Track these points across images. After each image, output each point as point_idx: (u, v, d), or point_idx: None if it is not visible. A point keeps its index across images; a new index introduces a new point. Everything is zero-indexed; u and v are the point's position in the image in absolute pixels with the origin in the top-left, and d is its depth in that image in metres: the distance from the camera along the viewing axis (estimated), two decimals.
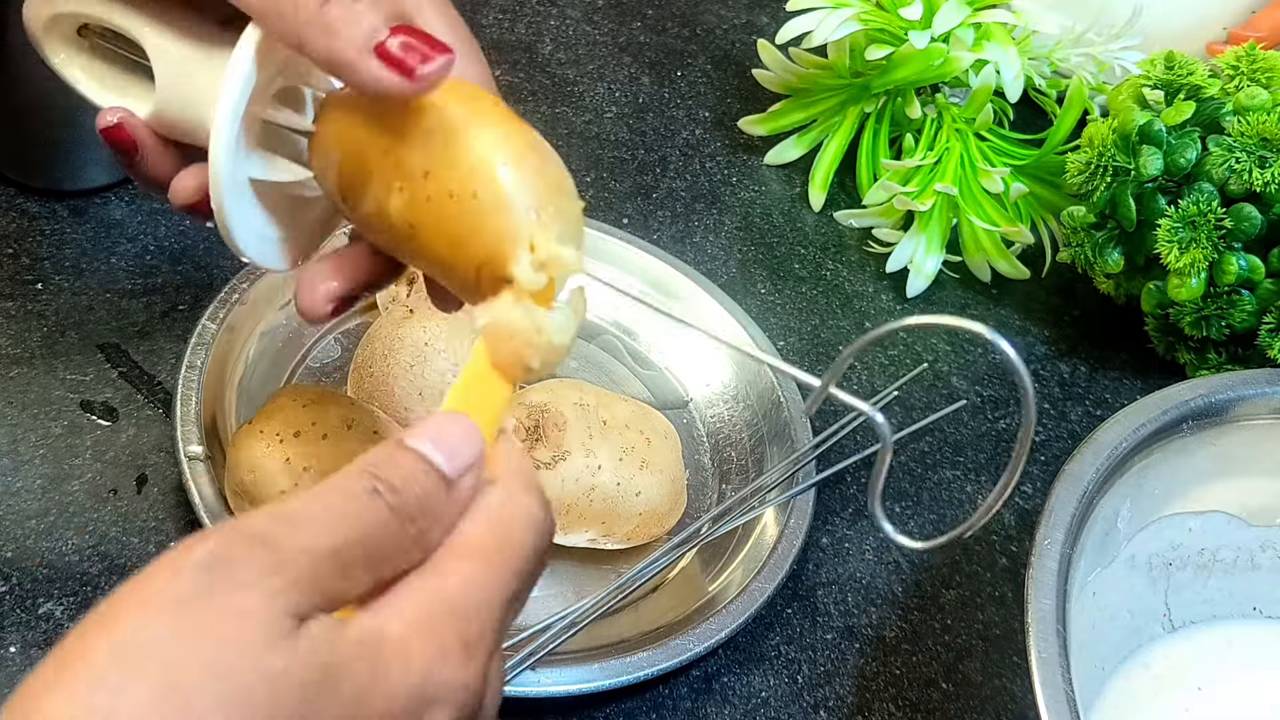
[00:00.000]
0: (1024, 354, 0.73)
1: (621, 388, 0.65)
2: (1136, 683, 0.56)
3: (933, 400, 0.69)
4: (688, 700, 0.54)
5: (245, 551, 0.28)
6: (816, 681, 0.56)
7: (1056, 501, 0.49)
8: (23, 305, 0.60)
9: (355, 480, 0.31)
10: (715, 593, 0.56)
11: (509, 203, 0.35)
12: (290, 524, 0.29)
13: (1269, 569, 0.58)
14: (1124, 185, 0.67)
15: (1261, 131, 0.64)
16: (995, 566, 0.62)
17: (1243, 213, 0.64)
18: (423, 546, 0.31)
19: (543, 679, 0.50)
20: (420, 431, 0.32)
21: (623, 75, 0.84)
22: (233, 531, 0.29)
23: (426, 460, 0.32)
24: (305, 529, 0.29)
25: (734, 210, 0.77)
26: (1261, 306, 0.66)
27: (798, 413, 0.62)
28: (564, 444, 0.54)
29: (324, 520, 0.30)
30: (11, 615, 0.50)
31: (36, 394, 0.57)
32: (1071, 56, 0.77)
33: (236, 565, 0.28)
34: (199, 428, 0.53)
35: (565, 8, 0.88)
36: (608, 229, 0.68)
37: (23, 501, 0.54)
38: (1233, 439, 0.56)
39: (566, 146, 0.78)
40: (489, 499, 0.33)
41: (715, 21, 0.90)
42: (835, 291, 0.74)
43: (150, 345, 0.60)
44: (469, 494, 0.32)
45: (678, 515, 0.58)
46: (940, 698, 0.57)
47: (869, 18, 0.73)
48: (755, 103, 0.81)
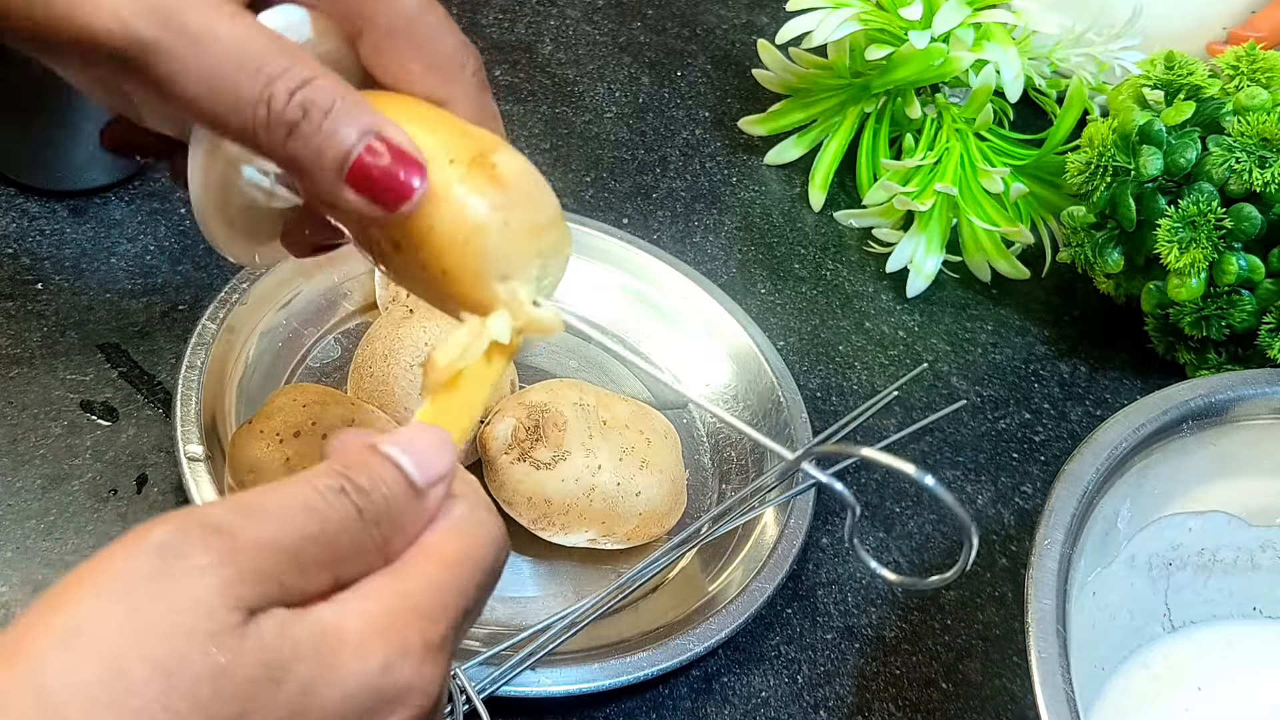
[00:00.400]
0: (1024, 354, 0.73)
1: (621, 388, 0.65)
2: (1136, 683, 0.56)
3: (933, 400, 0.69)
4: (688, 700, 0.54)
5: (200, 538, 0.28)
6: (816, 681, 0.56)
7: (1056, 501, 0.49)
8: (23, 305, 0.60)
9: (323, 478, 0.31)
10: (715, 593, 0.56)
11: (476, 277, 0.35)
12: (248, 515, 0.29)
13: (1269, 569, 0.58)
14: (1124, 185, 0.67)
15: (1261, 131, 0.64)
16: (995, 566, 0.62)
17: (1243, 213, 0.64)
18: (384, 552, 0.31)
19: (543, 679, 0.50)
20: (394, 438, 0.32)
21: (623, 75, 0.84)
22: (189, 518, 0.28)
23: (398, 467, 0.32)
24: (264, 521, 0.29)
25: (734, 210, 0.77)
26: (1261, 306, 0.66)
27: (798, 413, 0.62)
28: (564, 444, 0.54)
29: (285, 514, 0.29)
30: (12, 616, 0.50)
31: (36, 394, 0.57)
32: (1071, 56, 0.77)
33: (189, 552, 0.28)
34: (199, 428, 0.53)
35: (565, 8, 0.88)
36: (608, 229, 0.68)
37: (23, 501, 0.54)
38: (1233, 439, 0.56)
39: (566, 146, 0.78)
40: (456, 510, 0.33)
41: (715, 21, 0.90)
42: (835, 291, 0.74)
43: (150, 345, 0.60)
44: (436, 505, 0.32)
45: (678, 515, 0.58)
46: (940, 698, 0.57)
47: (869, 18, 0.73)
48: (755, 103, 0.81)
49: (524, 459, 0.54)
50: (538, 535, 0.55)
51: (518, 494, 0.54)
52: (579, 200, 0.75)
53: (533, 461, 0.54)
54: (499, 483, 0.54)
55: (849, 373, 0.69)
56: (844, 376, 0.69)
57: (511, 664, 0.50)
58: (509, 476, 0.54)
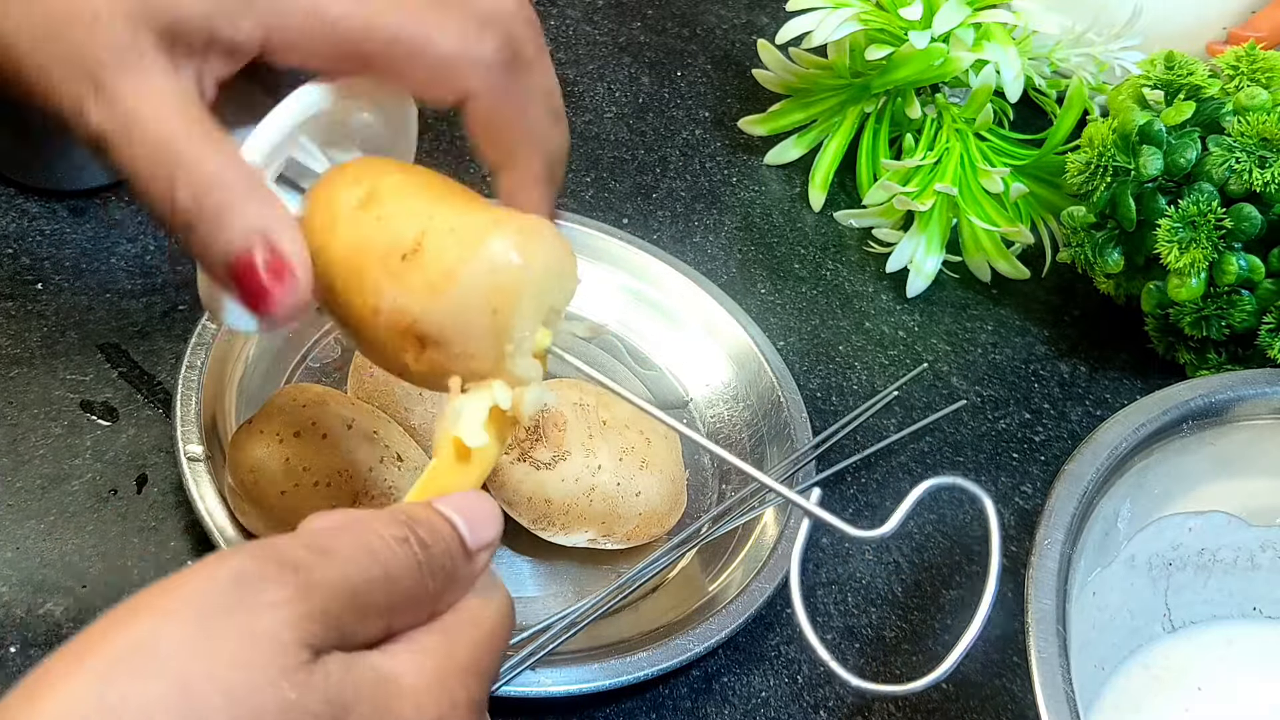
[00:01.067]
0: (1024, 354, 0.73)
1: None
2: (1136, 683, 0.56)
3: (933, 400, 0.69)
4: (688, 700, 0.54)
5: (276, 573, 0.29)
6: (816, 681, 0.56)
7: (1056, 501, 0.49)
8: (23, 305, 0.60)
9: (389, 526, 0.32)
10: (715, 593, 0.56)
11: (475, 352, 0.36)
12: (323, 554, 0.30)
13: (1269, 569, 0.58)
14: (1124, 185, 0.67)
15: (1261, 131, 0.64)
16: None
17: (1243, 213, 0.64)
18: (433, 607, 0.32)
19: (543, 679, 0.50)
20: (452, 502, 0.34)
21: (623, 75, 0.84)
22: (267, 551, 0.29)
23: (455, 528, 0.33)
24: (337, 562, 0.30)
25: (734, 210, 0.77)
26: (1261, 306, 0.66)
27: (798, 412, 0.62)
28: (564, 444, 0.54)
29: (355, 557, 0.30)
30: (12, 615, 0.50)
31: (36, 394, 0.57)
32: (1071, 56, 0.77)
33: (266, 586, 0.28)
34: (199, 428, 0.53)
35: (565, 8, 0.88)
36: (608, 229, 0.68)
37: (23, 501, 0.54)
38: (1233, 439, 0.56)
39: None
40: (487, 580, 0.34)
41: (715, 21, 0.90)
42: (835, 291, 0.74)
43: (150, 345, 0.60)
44: (482, 569, 0.34)
45: (678, 515, 0.58)
46: (940, 698, 0.57)
47: (869, 18, 0.73)
48: (755, 103, 0.81)
49: (524, 459, 0.54)
50: (538, 535, 0.55)
51: (518, 494, 0.54)
52: (579, 200, 0.75)
53: (533, 461, 0.54)
54: (499, 483, 0.54)
55: (849, 373, 0.69)
56: (844, 376, 0.69)
57: (511, 664, 0.50)
58: (509, 476, 0.54)
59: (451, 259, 0.36)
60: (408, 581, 0.31)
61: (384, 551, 0.31)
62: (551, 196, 0.41)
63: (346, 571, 0.30)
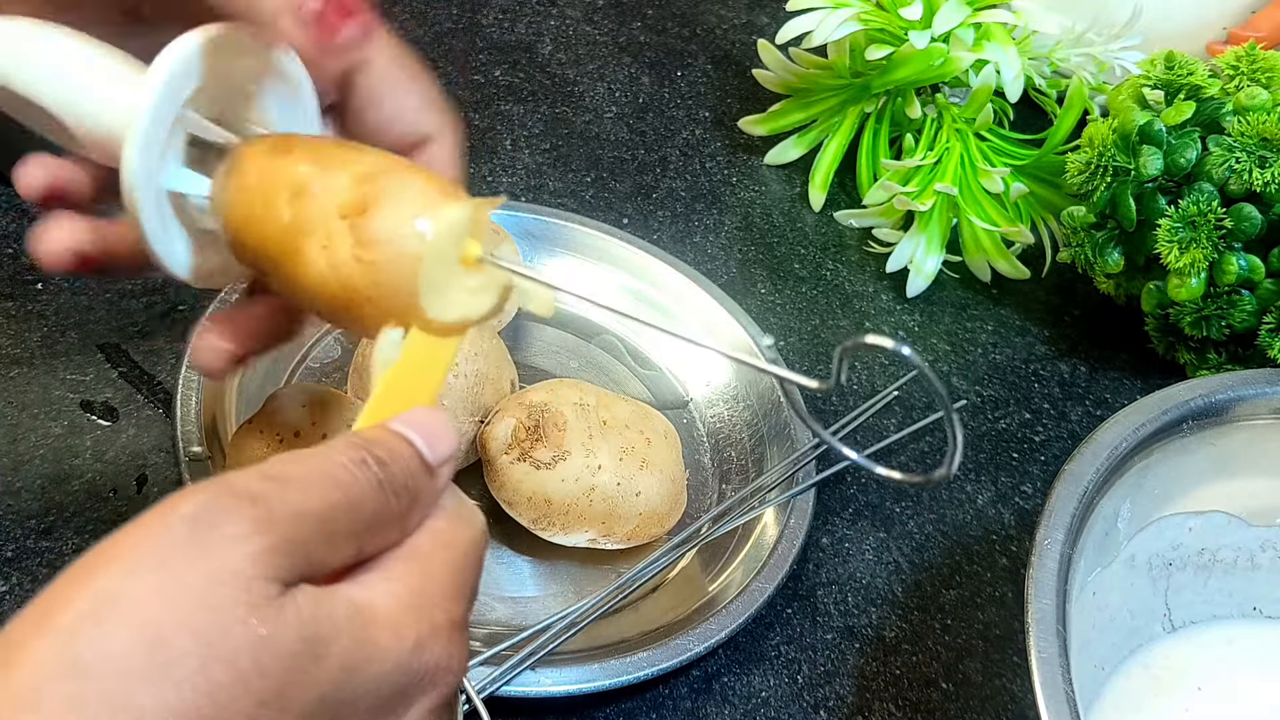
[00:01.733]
0: (1024, 354, 0.73)
1: (621, 388, 0.65)
2: (1136, 683, 0.56)
3: (933, 400, 0.69)
4: (688, 700, 0.54)
5: (234, 506, 0.28)
6: (816, 681, 0.56)
7: (1056, 501, 0.49)
8: (23, 305, 0.60)
9: (345, 450, 0.31)
10: (715, 593, 0.56)
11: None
12: (281, 484, 0.29)
13: (1269, 569, 0.58)
14: (1124, 185, 0.67)
15: (1261, 131, 0.64)
16: (995, 566, 0.62)
17: (1243, 213, 0.64)
18: (402, 526, 0.32)
19: (543, 679, 0.50)
20: (404, 419, 0.33)
21: (623, 75, 0.84)
22: (222, 487, 0.28)
23: (413, 444, 0.32)
24: (295, 490, 0.29)
25: (734, 210, 0.77)
26: (1261, 306, 0.66)
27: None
28: (564, 444, 0.54)
29: (314, 483, 0.29)
30: (12, 616, 0.50)
31: (36, 394, 0.57)
32: (1071, 56, 0.77)
33: (224, 521, 0.27)
34: (199, 428, 0.53)
35: (565, 8, 0.88)
36: (608, 229, 0.68)
37: (23, 501, 0.54)
38: (1233, 439, 0.56)
39: (566, 146, 0.78)
40: (450, 499, 0.34)
41: (715, 21, 0.90)
42: (835, 291, 0.74)
43: (150, 345, 0.60)
44: (444, 484, 0.33)
45: (678, 515, 0.58)
46: (940, 698, 0.57)
47: (869, 18, 0.73)
48: (755, 103, 0.81)
49: (524, 459, 0.54)
50: (538, 535, 0.55)
51: (518, 494, 0.54)
52: (579, 200, 0.75)
53: (533, 461, 0.54)
54: (499, 483, 0.54)
55: (849, 373, 0.69)
56: (844, 376, 0.69)
57: (511, 664, 0.50)
58: (509, 476, 0.54)
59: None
60: (371, 503, 0.30)
61: (343, 475, 0.30)
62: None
63: (306, 498, 0.29)
